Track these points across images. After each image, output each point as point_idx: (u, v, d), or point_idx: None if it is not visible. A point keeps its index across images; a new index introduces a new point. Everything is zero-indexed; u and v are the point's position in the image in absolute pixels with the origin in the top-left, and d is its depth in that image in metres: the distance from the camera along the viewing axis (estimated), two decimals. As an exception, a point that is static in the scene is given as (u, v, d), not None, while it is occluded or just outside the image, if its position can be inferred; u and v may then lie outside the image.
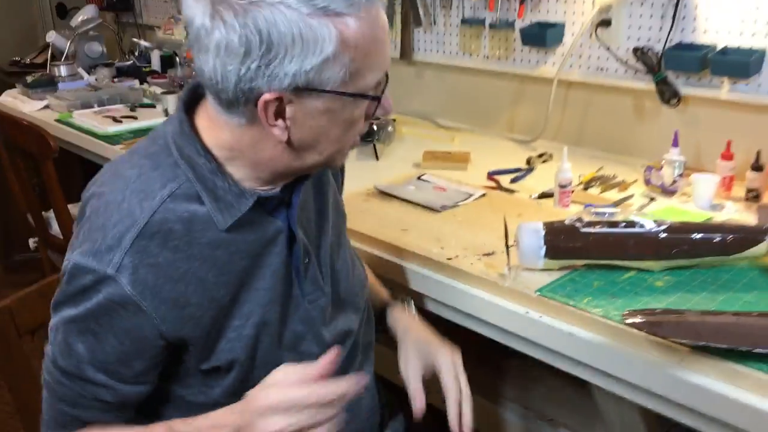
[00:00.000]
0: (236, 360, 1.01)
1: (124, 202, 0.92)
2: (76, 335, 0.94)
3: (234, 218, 0.95)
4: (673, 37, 1.76)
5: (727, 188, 1.62)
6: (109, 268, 0.89)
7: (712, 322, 1.03)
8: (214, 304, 0.97)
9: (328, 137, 0.94)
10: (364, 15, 0.86)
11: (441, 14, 2.30)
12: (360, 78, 0.89)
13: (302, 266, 1.05)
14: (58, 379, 0.97)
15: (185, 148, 0.94)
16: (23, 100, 2.83)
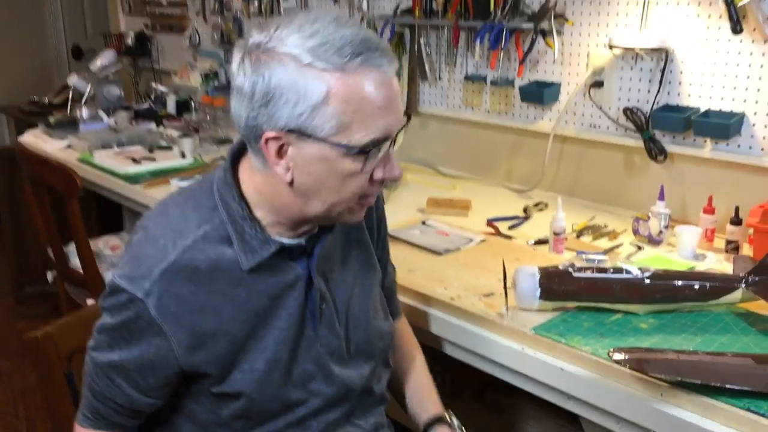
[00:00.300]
0: (245, 390, 1.10)
1: (161, 239, 1.05)
2: (112, 339, 1.07)
3: (256, 262, 1.06)
4: (660, 99, 1.91)
5: (709, 240, 1.75)
6: (139, 292, 1.02)
7: (688, 360, 1.15)
8: (229, 337, 1.07)
9: (327, 186, 1.01)
10: (358, 74, 0.96)
11: (446, 70, 2.45)
12: (350, 132, 0.97)
13: (318, 310, 1.13)
14: (92, 369, 1.11)
15: (224, 193, 1.07)
16: (45, 140, 2.96)
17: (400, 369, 1.36)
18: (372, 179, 1.03)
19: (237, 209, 1.06)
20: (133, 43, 3.92)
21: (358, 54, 0.96)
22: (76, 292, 2.52)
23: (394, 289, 1.40)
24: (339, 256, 1.19)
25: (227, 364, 1.09)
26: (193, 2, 3.58)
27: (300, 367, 1.13)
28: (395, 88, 1.00)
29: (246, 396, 1.10)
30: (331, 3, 2.82)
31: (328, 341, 1.15)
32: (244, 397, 1.10)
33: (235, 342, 1.08)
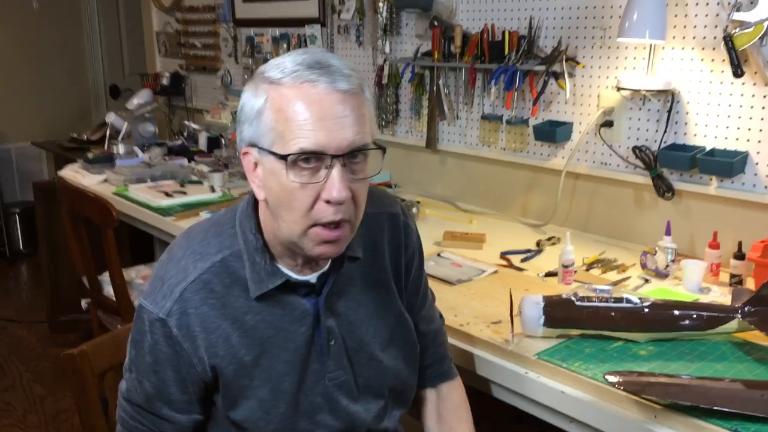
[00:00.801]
0: (252, 418, 1.16)
1: (183, 260, 1.15)
2: (144, 375, 1.15)
3: (261, 291, 1.12)
4: (667, 138, 1.99)
5: (715, 274, 1.80)
6: (161, 312, 1.11)
7: (679, 384, 1.21)
8: (236, 361, 1.13)
9: (282, 203, 1.05)
10: (295, 88, 1.02)
11: (464, 110, 2.56)
12: (284, 142, 1.02)
13: (326, 346, 1.17)
14: (131, 414, 1.18)
15: (244, 224, 1.15)
16: (83, 174, 3.11)
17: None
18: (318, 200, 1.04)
19: (252, 240, 1.13)
20: (168, 83, 4.11)
21: (296, 71, 1.02)
22: (108, 319, 2.64)
23: (440, 340, 1.40)
24: (355, 296, 1.22)
25: (235, 389, 1.14)
26: (226, 45, 3.75)
27: (307, 399, 1.17)
28: (335, 106, 1.02)
29: (253, 423, 1.16)
30: (355, 46, 2.96)
31: (336, 375, 1.19)
32: (252, 425, 1.16)
33: (243, 367, 1.13)
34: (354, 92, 1.05)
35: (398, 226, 1.29)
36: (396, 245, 1.28)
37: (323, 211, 1.04)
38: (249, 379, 1.14)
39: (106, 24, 5.49)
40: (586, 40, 2.15)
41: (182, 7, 4.08)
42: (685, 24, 1.91)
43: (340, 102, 1.02)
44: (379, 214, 1.27)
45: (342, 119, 1.02)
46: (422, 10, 2.57)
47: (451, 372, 1.41)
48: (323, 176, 1.03)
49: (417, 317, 1.34)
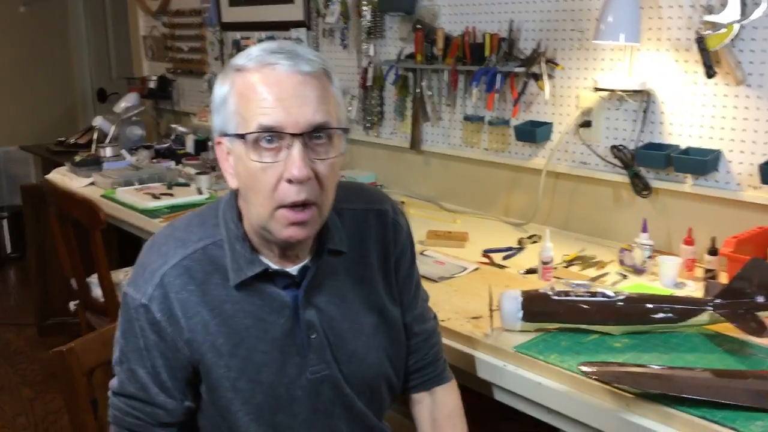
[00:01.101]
0: (231, 408, 1.17)
1: (164, 246, 1.18)
2: (135, 362, 1.17)
3: (240, 279, 1.13)
4: (644, 137, 2.04)
5: (690, 269, 1.85)
6: (144, 298, 1.14)
7: (650, 373, 1.25)
8: (214, 349, 1.14)
9: (249, 186, 1.08)
10: (257, 71, 1.06)
11: (446, 111, 2.60)
12: (246, 124, 1.05)
13: (306, 339, 1.18)
14: (126, 410, 1.19)
15: (227, 214, 1.17)
16: (71, 177, 3.13)
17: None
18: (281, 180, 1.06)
19: (233, 229, 1.16)
20: (155, 86, 4.13)
21: (259, 56, 1.07)
22: (97, 321, 2.66)
23: (434, 341, 1.39)
24: (338, 291, 1.22)
25: (213, 378, 1.16)
26: (213, 48, 3.79)
27: (288, 392, 1.18)
28: (295, 87, 1.04)
29: (232, 414, 1.17)
30: (340, 49, 3.00)
31: (318, 369, 1.19)
32: (231, 416, 1.17)
33: (220, 356, 1.15)
34: (316, 75, 1.07)
35: (387, 223, 1.30)
36: (384, 242, 1.29)
37: (286, 191, 1.06)
38: (227, 368, 1.15)
39: (93, 28, 5.50)
40: (564, 42, 2.20)
41: (169, 11, 4.11)
42: (659, 26, 1.96)
43: (300, 83, 1.05)
44: (366, 211, 1.28)
45: (302, 98, 1.05)
46: (405, 14, 2.62)
47: (446, 375, 1.41)
48: (284, 156, 1.05)
49: (408, 316, 1.35)
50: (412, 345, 1.36)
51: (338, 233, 1.22)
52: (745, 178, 1.86)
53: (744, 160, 1.85)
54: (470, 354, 1.49)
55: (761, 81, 1.79)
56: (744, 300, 1.43)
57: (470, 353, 1.49)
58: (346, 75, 3.00)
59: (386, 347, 1.28)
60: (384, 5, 2.68)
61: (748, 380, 1.26)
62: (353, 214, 1.26)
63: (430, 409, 1.39)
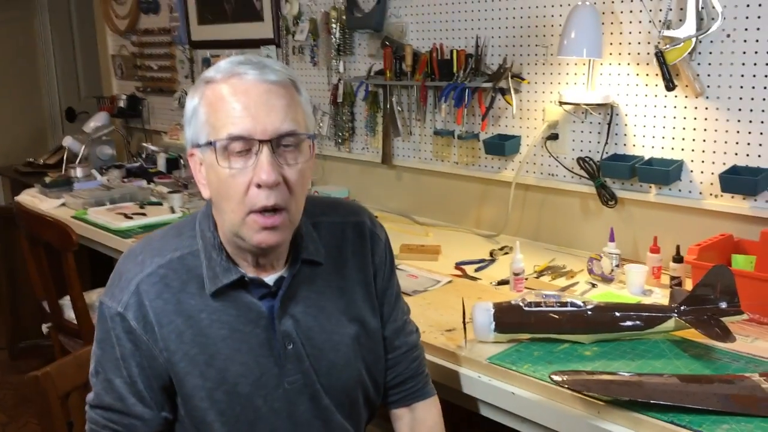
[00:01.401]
0: (206, 420, 1.17)
1: (140, 255, 1.20)
2: (112, 372, 1.17)
3: (216, 287, 1.15)
4: (609, 149, 2.09)
5: (656, 277, 1.90)
6: (120, 306, 1.15)
7: (619, 381, 1.29)
8: (188, 358, 1.15)
9: (220, 194, 1.10)
10: (224, 81, 1.09)
11: (417, 126, 2.64)
12: (216, 132, 1.08)
13: (283, 350, 1.18)
14: (103, 423, 1.18)
15: (203, 224, 1.20)
16: (41, 199, 3.10)
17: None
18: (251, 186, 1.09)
19: (209, 237, 1.18)
20: (125, 105, 4.12)
21: (228, 68, 1.11)
22: (70, 343, 2.64)
23: (414, 355, 1.39)
24: (316, 302, 1.23)
25: (188, 387, 1.16)
26: (182, 67, 3.79)
27: (267, 404, 1.19)
28: (262, 95, 1.08)
29: (207, 426, 1.17)
30: (310, 66, 3.02)
31: (295, 380, 1.20)
32: (206, 428, 1.17)
33: (195, 365, 1.15)
34: (283, 84, 1.11)
35: (364, 234, 1.31)
36: (362, 254, 1.30)
37: (256, 196, 1.08)
38: (202, 378, 1.16)
39: (61, 47, 5.46)
40: (529, 57, 2.25)
41: (137, 30, 4.10)
42: (620, 41, 2.02)
43: (267, 91, 1.09)
44: (343, 223, 1.30)
45: (269, 106, 1.08)
46: (374, 31, 2.66)
47: (427, 391, 1.40)
48: (253, 163, 1.08)
49: (389, 329, 1.35)
50: (391, 359, 1.36)
51: (314, 244, 1.24)
52: (706, 187, 1.91)
53: (705, 170, 1.91)
54: (445, 366, 1.52)
55: (719, 93, 1.85)
56: (708, 306, 1.47)
57: (445, 365, 1.52)
58: (316, 92, 3.02)
59: (365, 358, 1.29)
60: (352, 23, 2.71)
61: (714, 384, 1.30)
62: (330, 226, 1.28)
63: (411, 426, 1.39)
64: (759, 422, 1.20)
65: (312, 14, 2.96)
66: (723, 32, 1.82)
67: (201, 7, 3.57)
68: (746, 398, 1.25)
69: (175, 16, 3.75)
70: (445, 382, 1.52)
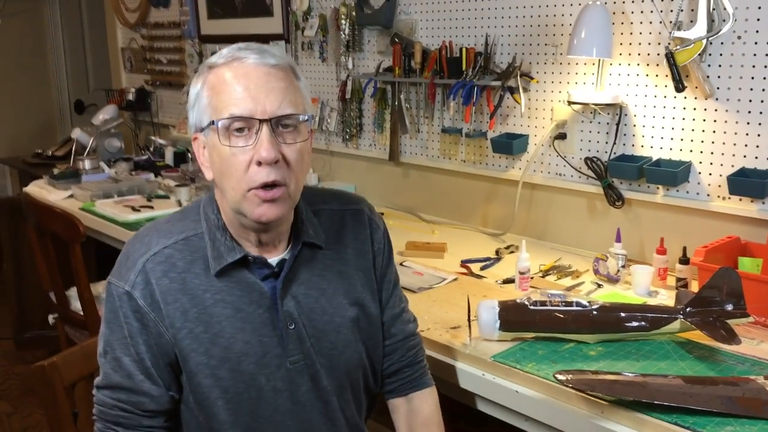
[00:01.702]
0: (210, 396, 1.20)
1: (147, 237, 1.23)
2: (120, 351, 1.20)
3: (221, 266, 1.18)
4: (617, 150, 2.09)
5: (662, 278, 1.89)
6: (127, 285, 1.18)
7: (623, 381, 1.29)
8: (192, 336, 1.18)
9: (222, 172, 1.15)
10: (226, 66, 1.14)
11: (424, 123, 2.64)
12: (218, 113, 1.13)
13: (285, 330, 1.22)
14: (111, 403, 1.21)
15: (207, 207, 1.25)
16: (49, 190, 3.12)
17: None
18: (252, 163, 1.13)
19: (213, 219, 1.23)
20: (133, 98, 4.13)
21: (229, 53, 1.15)
22: (75, 334, 2.65)
23: (412, 343, 1.42)
24: (317, 284, 1.27)
25: (192, 365, 1.19)
26: (192, 61, 3.80)
27: (269, 383, 1.22)
28: (260, 77, 1.13)
29: (211, 402, 1.20)
30: (319, 62, 3.03)
31: (297, 359, 1.23)
32: (210, 404, 1.20)
33: (200, 343, 1.18)
34: (282, 67, 1.15)
35: (363, 221, 1.36)
36: (362, 239, 1.34)
37: (257, 173, 1.13)
38: (207, 356, 1.19)
39: (71, 39, 5.48)
40: (539, 56, 2.25)
41: (147, 24, 4.11)
42: (631, 41, 2.01)
43: (267, 74, 1.13)
44: (341, 210, 1.35)
45: (268, 88, 1.13)
46: (383, 27, 2.66)
47: (424, 380, 1.43)
48: (254, 141, 1.12)
49: (387, 315, 1.39)
50: (388, 345, 1.40)
51: (314, 228, 1.28)
52: (714, 189, 1.91)
53: (713, 172, 1.91)
54: (449, 363, 1.52)
55: (728, 95, 1.85)
56: (714, 308, 1.47)
57: (449, 363, 1.52)
58: (325, 88, 3.03)
59: (365, 342, 1.32)
60: (362, 19, 2.71)
61: (718, 386, 1.30)
62: (330, 213, 1.33)
63: (407, 416, 1.41)
64: (763, 425, 1.20)
65: (322, 10, 2.96)
66: (734, 34, 1.81)
67: (211, 2, 3.57)
68: (751, 401, 1.24)
69: (185, 10, 3.75)
70: (449, 379, 1.53)
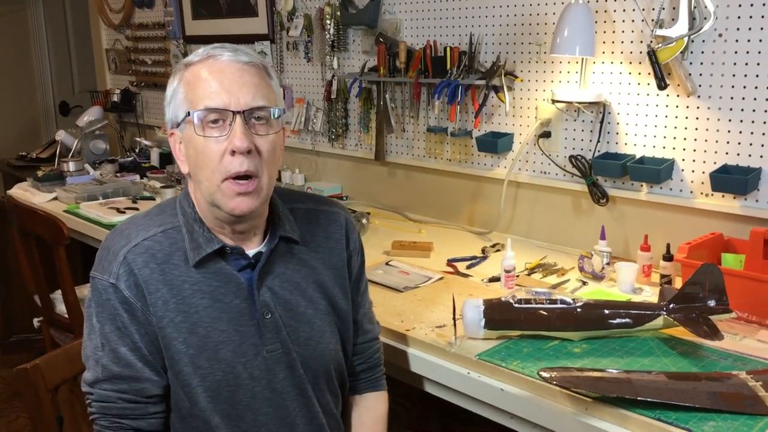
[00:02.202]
0: (192, 384, 1.22)
1: (126, 230, 1.26)
2: (116, 342, 1.22)
3: (200, 256, 1.22)
4: (601, 147, 2.10)
5: (647, 275, 1.90)
6: (111, 277, 1.21)
7: (607, 377, 1.30)
8: (173, 325, 1.21)
9: (197, 164, 1.18)
10: (201, 63, 1.19)
11: (410, 123, 2.64)
12: (193, 107, 1.17)
13: (262, 319, 1.25)
14: (113, 396, 1.22)
15: (183, 202, 1.28)
16: (33, 192, 3.10)
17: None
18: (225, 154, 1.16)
19: (190, 212, 1.26)
20: (118, 100, 4.10)
21: (203, 52, 1.21)
22: (61, 337, 2.63)
23: (376, 347, 1.47)
24: (292, 278, 1.30)
25: (173, 353, 1.21)
26: (176, 61, 3.78)
27: (246, 371, 1.24)
28: (233, 72, 1.18)
29: (191, 390, 1.22)
30: (304, 62, 3.02)
31: (273, 348, 1.26)
32: (190, 391, 1.22)
33: (179, 332, 1.21)
34: (255, 65, 1.20)
35: (338, 221, 1.40)
36: (336, 238, 1.38)
37: (230, 163, 1.17)
38: (186, 345, 1.22)
39: (55, 41, 5.44)
40: (523, 55, 2.25)
41: (132, 25, 4.09)
42: (613, 40, 2.02)
43: (240, 70, 1.19)
44: (318, 210, 1.39)
45: (241, 82, 1.18)
46: (368, 27, 2.66)
47: (381, 383, 1.49)
48: (228, 132, 1.16)
49: (359, 314, 1.43)
50: (359, 344, 1.45)
51: (290, 224, 1.32)
52: (697, 186, 1.92)
53: (696, 169, 1.92)
54: (434, 362, 1.52)
55: (710, 92, 1.86)
56: (696, 304, 1.48)
57: (435, 362, 1.52)
58: (310, 88, 3.02)
59: (340, 336, 1.37)
60: (347, 19, 2.71)
61: (701, 382, 1.31)
62: (305, 212, 1.38)
63: (359, 412, 1.46)
64: (745, 419, 1.21)
65: (306, 10, 2.96)
66: (715, 32, 1.82)
67: (195, 2, 3.56)
68: (733, 396, 1.25)
69: (169, 10, 3.73)
70: (434, 378, 1.53)
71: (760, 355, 1.44)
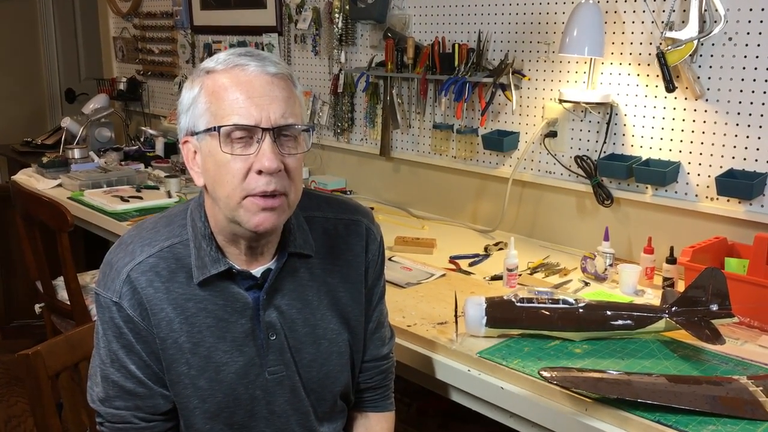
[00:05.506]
0: (189, 405, 1.20)
1: (131, 245, 1.20)
2: (126, 358, 1.19)
3: (204, 276, 1.16)
4: (607, 149, 2.09)
5: (649, 277, 1.90)
6: (114, 296, 1.17)
7: (607, 379, 1.30)
8: (176, 345, 1.17)
9: (217, 180, 1.11)
10: (226, 72, 1.11)
11: (416, 119, 2.64)
12: (218, 120, 1.10)
13: (266, 340, 1.20)
14: (126, 416, 1.19)
15: (194, 213, 1.21)
16: (38, 179, 3.10)
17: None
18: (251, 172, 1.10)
19: (200, 227, 1.19)
20: (125, 88, 4.10)
21: (228, 59, 1.13)
22: (62, 323, 2.64)
23: (382, 368, 1.39)
24: (302, 294, 1.24)
25: (174, 373, 1.19)
26: (184, 51, 3.78)
27: (248, 392, 1.21)
28: (263, 85, 1.10)
29: (189, 411, 1.20)
30: (312, 55, 3.02)
31: (276, 371, 1.22)
32: (188, 413, 1.20)
33: (181, 353, 1.18)
34: (282, 76, 1.13)
35: (359, 232, 1.31)
36: (354, 251, 1.30)
37: (256, 182, 1.10)
38: (187, 366, 1.18)
39: (62, 28, 5.44)
40: (531, 53, 2.25)
41: (140, 13, 4.09)
42: (622, 41, 2.02)
43: (269, 83, 1.11)
44: (336, 219, 1.30)
45: (271, 97, 1.11)
46: (376, 22, 2.65)
47: (384, 404, 1.42)
48: (255, 149, 1.10)
49: (368, 328, 1.35)
50: (363, 364, 1.37)
51: (302, 236, 1.24)
52: (702, 190, 1.92)
53: (702, 172, 1.91)
54: (435, 359, 1.52)
55: (719, 96, 1.85)
56: (699, 308, 1.48)
57: (435, 358, 1.52)
58: (317, 81, 3.02)
59: (347, 355, 1.30)
60: (355, 13, 2.71)
61: (701, 386, 1.30)
62: (323, 221, 1.29)
63: (359, 429, 1.40)
64: (745, 424, 1.21)
65: (315, 3, 2.95)
66: (725, 35, 1.82)
67: (204, -8, 3.56)
68: (733, 400, 1.25)
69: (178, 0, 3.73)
70: (434, 375, 1.53)
71: (760, 360, 1.44)
